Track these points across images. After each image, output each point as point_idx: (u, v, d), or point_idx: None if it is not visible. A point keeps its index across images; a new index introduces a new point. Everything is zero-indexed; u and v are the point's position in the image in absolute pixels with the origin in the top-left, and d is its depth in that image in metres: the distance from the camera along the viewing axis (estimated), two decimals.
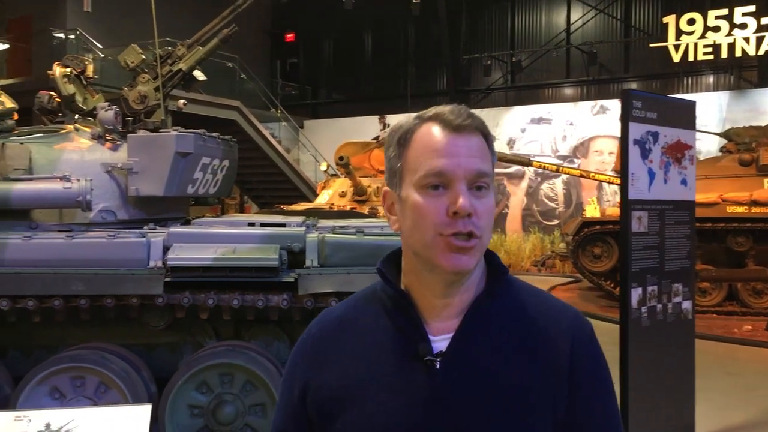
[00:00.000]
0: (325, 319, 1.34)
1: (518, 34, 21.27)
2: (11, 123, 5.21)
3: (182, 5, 18.33)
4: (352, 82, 23.60)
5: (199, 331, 4.68)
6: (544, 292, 1.33)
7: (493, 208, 1.22)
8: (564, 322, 1.25)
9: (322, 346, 1.29)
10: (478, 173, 1.18)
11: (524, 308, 1.26)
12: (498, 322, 1.23)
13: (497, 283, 1.26)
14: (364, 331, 1.26)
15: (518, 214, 18.99)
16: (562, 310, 1.28)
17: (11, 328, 4.54)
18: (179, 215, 5.41)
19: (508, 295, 1.27)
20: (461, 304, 1.23)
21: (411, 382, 1.18)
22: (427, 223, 1.17)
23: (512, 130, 19.22)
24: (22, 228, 4.58)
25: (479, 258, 1.20)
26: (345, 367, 1.24)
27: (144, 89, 5.70)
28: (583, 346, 1.25)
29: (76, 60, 5.90)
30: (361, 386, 1.21)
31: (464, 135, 1.19)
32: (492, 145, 1.25)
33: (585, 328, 1.28)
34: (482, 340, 1.21)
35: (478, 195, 1.18)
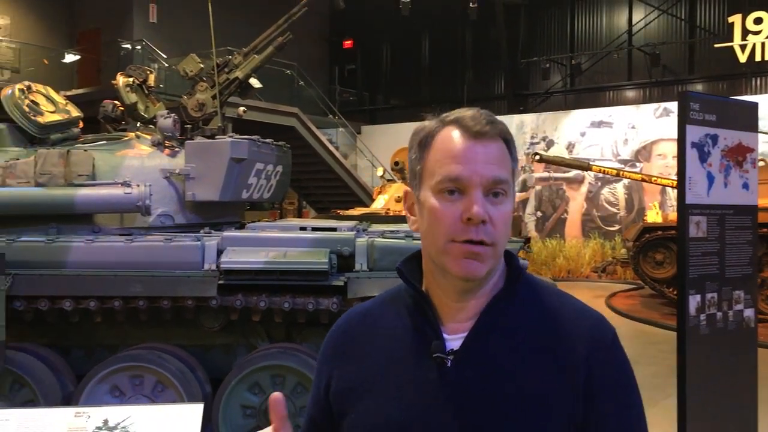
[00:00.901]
0: (352, 314, 1.38)
1: (578, 37, 20.92)
2: (76, 131, 5.45)
3: (242, 14, 18.75)
4: (410, 87, 23.65)
5: (252, 333, 4.78)
6: (566, 294, 1.31)
7: (509, 215, 1.21)
8: (583, 326, 1.23)
9: (346, 340, 1.32)
10: (494, 180, 1.17)
11: (542, 310, 1.25)
12: (514, 323, 1.22)
13: (514, 283, 1.26)
14: (384, 328, 1.29)
15: (578, 219, 18.65)
16: (582, 313, 1.26)
17: (75, 328, 4.73)
18: (234, 220, 5.54)
19: (526, 296, 1.26)
20: (477, 307, 1.23)
21: (423, 379, 1.20)
22: (441, 228, 1.18)
23: (571, 133, 18.90)
24: (85, 232, 4.77)
25: (492, 265, 1.20)
26: (364, 361, 1.27)
27: (202, 97, 5.86)
28: (602, 352, 1.21)
29: (138, 70, 6.12)
30: (376, 380, 1.23)
31: (483, 141, 1.18)
32: (513, 151, 1.24)
33: (606, 333, 1.24)
34: (496, 340, 1.20)
35: (494, 202, 1.18)
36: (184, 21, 17.95)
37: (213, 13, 5.77)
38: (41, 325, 4.74)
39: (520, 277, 1.26)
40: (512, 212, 1.23)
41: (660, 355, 8.02)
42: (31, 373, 4.42)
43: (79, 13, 19.90)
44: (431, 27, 22.80)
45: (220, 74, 5.91)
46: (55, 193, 4.64)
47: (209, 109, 5.84)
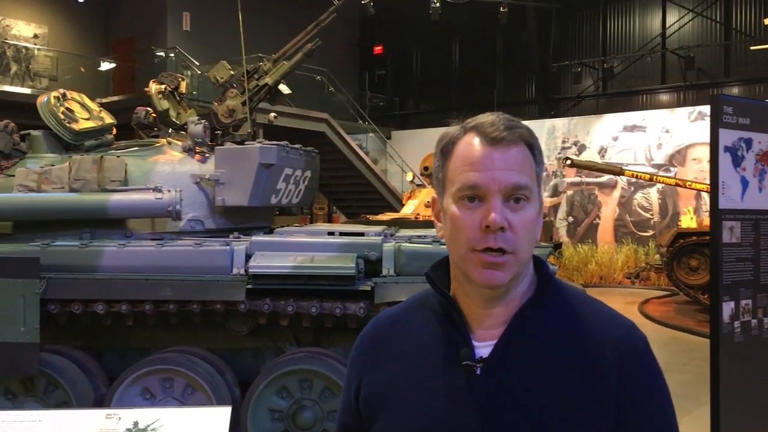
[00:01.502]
0: (380, 319, 1.38)
1: (610, 40, 20.69)
2: (110, 137, 5.55)
3: (272, 21, 18.92)
4: (440, 92, 23.62)
5: (280, 338, 4.81)
6: (596, 301, 1.29)
7: (531, 221, 1.19)
8: (614, 333, 1.21)
9: (375, 345, 1.33)
10: (513, 186, 1.16)
11: (572, 317, 1.23)
12: (543, 331, 1.21)
13: (544, 291, 1.25)
14: (413, 333, 1.29)
15: (610, 225, 18.41)
16: (613, 320, 1.24)
17: (107, 331, 4.81)
18: (264, 225, 5.59)
19: (556, 303, 1.24)
20: (506, 314, 1.22)
21: (452, 386, 1.19)
22: (461, 236, 1.18)
23: (604, 138, 18.69)
24: (118, 236, 4.86)
25: (515, 273, 1.18)
26: (392, 366, 1.27)
27: (232, 103, 5.93)
28: (633, 361, 1.20)
29: (170, 77, 6.22)
30: (405, 387, 1.23)
31: (501, 147, 1.17)
32: (538, 155, 1.22)
33: (637, 341, 1.22)
34: (526, 349, 1.19)
35: (515, 208, 1.17)
36: (216, 29, 18.18)
37: (244, 20, 5.84)
38: (75, 328, 4.83)
39: (550, 284, 1.25)
40: (537, 217, 1.21)
41: (694, 362, 7.88)
42: (65, 375, 4.50)
43: (114, 22, 20.28)
44: (461, 32, 22.75)
45: (250, 81, 5.97)
46: (89, 199, 4.73)
47: (239, 115, 5.90)
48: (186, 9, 19.21)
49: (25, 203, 4.74)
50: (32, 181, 4.82)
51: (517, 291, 1.23)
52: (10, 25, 18.50)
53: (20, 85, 17.34)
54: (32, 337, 4.29)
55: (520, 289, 1.23)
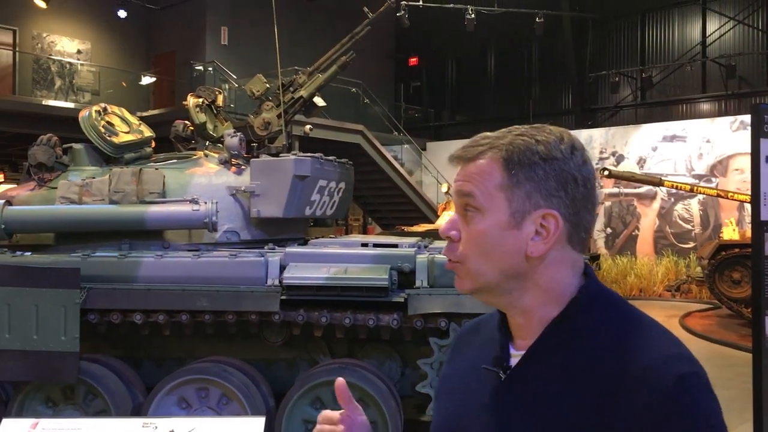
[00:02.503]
0: (464, 327, 1.46)
1: (649, 49, 20.43)
2: (149, 150, 5.66)
3: (309, 34, 19.13)
4: (475, 103, 23.58)
5: (314, 349, 4.82)
6: (645, 320, 1.17)
7: (478, 233, 1.15)
8: (639, 367, 1.07)
9: (455, 347, 1.41)
10: (459, 194, 1.18)
11: (601, 343, 1.13)
12: (570, 352, 1.14)
13: (570, 310, 1.18)
14: (481, 336, 1.34)
15: (650, 237, 18.11)
16: (644, 351, 1.09)
17: (145, 341, 4.89)
18: (299, 236, 5.63)
19: (587, 324, 1.17)
20: (529, 325, 1.20)
21: (480, 390, 1.22)
22: None
23: (642, 148, 18.43)
24: (156, 247, 4.94)
25: (478, 283, 1.17)
26: (454, 369, 1.34)
27: (268, 116, 6.00)
28: (657, 401, 1.02)
29: (207, 91, 6.32)
30: (453, 385, 1.30)
31: (461, 165, 1.21)
32: (514, 168, 1.15)
33: (668, 378, 1.04)
34: (551, 363, 1.16)
35: (464, 219, 1.18)
36: (253, 42, 18.45)
37: (280, 33, 5.92)
38: (114, 338, 4.92)
39: (578, 303, 1.18)
40: (493, 231, 1.15)
41: (737, 378, 7.67)
42: (104, 384, 4.58)
43: (155, 38, 20.72)
44: (496, 42, 22.71)
45: (285, 94, 6.04)
46: (128, 210, 4.83)
47: (275, 128, 5.96)
48: (224, 24, 19.53)
49: (67, 215, 4.85)
50: (73, 194, 4.93)
51: (530, 305, 1.19)
52: (54, 42, 19.02)
53: (64, 100, 17.81)
54: (72, 346, 4.37)
55: (536, 305, 1.18)
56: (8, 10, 17.65)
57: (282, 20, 6.14)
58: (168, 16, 19.72)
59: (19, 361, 4.38)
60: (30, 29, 18.47)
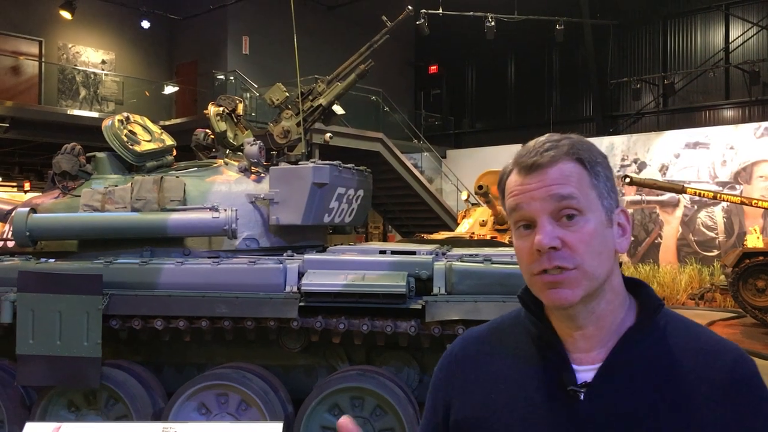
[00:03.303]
0: (469, 338, 1.36)
1: (671, 55, 20.28)
2: (170, 158, 5.73)
3: (329, 43, 19.26)
4: (495, 111, 23.55)
5: (333, 355, 4.84)
6: (702, 328, 1.23)
7: (591, 233, 1.14)
8: (722, 364, 1.16)
9: (466, 367, 1.30)
10: (555, 198, 1.14)
11: (679, 345, 1.18)
12: (647, 359, 1.17)
13: (649, 316, 1.20)
14: (508, 355, 1.26)
15: (673, 245, 17.93)
16: (720, 349, 1.18)
17: (166, 347, 4.94)
18: (317, 243, 5.66)
19: (661, 330, 1.20)
20: (600, 336, 1.19)
21: (553, 412, 1.17)
22: (522, 264, 1.19)
23: (665, 155, 18.27)
24: (177, 254, 5.00)
25: (587, 288, 1.15)
26: (488, 389, 1.25)
27: (287, 124, 6.05)
28: (740, 391, 1.14)
29: (228, 100, 6.39)
30: (503, 411, 1.21)
31: (537, 172, 1.17)
32: (593, 166, 1.18)
33: (747, 371, 1.16)
34: (629, 376, 1.16)
35: (568, 225, 1.14)
36: (274, 51, 18.60)
37: (301, 42, 5.96)
38: (136, 344, 4.98)
39: (658, 310, 1.20)
40: (603, 228, 1.16)
41: None
42: (125, 389, 4.63)
43: (177, 47, 20.98)
44: (516, 50, 22.68)
45: (305, 102, 6.08)
46: (149, 218, 4.89)
47: (294, 136, 6.01)
48: (245, 33, 19.73)
49: (90, 222, 4.93)
50: (96, 201, 5.01)
51: (605, 309, 1.19)
52: (79, 52, 19.34)
53: (88, 109, 18.08)
54: (94, 352, 4.44)
55: (611, 309, 1.19)
56: (34, 22, 17.98)
57: (303, 29, 6.21)
58: (190, 26, 19.97)
59: (43, 366, 4.45)
60: (56, 40, 18.79)
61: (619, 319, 1.20)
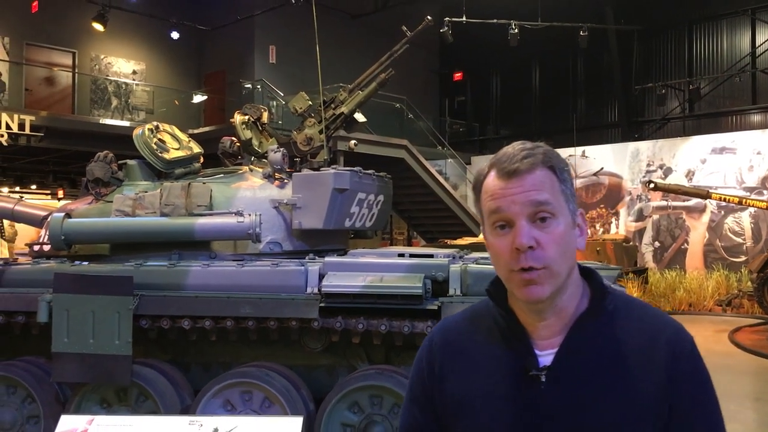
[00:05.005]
0: (447, 328, 1.49)
1: (697, 60, 20.16)
2: (198, 166, 5.94)
3: (354, 51, 19.47)
4: (520, 117, 23.59)
5: (353, 355, 4.99)
6: (649, 306, 1.39)
7: (560, 235, 1.28)
8: (663, 337, 1.30)
9: (447, 355, 1.43)
10: (533, 204, 1.27)
11: (626, 324, 1.33)
12: (600, 339, 1.31)
13: (600, 301, 1.35)
14: (480, 344, 1.40)
15: (699, 250, 17.79)
16: (662, 324, 1.33)
17: (194, 346, 5.13)
18: (339, 247, 5.82)
19: (611, 311, 1.34)
20: (559, 323, 1.33)
21: (519, 395, 1.30)
22: (500, 260, 1.31)
23: (691, 161, 18.16)
24: (204, 257, 5.20)
25: (555, 285, 1.28)
26: (465, 377, 1.38)
27: (310, 132, 6.23)
28: (681, 361, 1.29)
29: (253, 108, 6.61)
30: (478, 397, 1.35)
31: (517, 177, 1.29)
32: (561, 174, 1.32)
33: (684, 343, 1.31)
34: (585, 357, 1.30)
35: (542, 226, 1.27)
36: (300, 60, 18.87)
37: (326, 51, 6.14)
38: (165, 343, 5.18)
39: (605, 295, 1.35)
40: (569, 231, 1.30)
41: None
42: (155, 387, 4.83)
43: (206, 57, 21.39)
44: (541, 56, 22.71)
45: (327, 110, 6.26)
46: (177, 222, 5.10)
47: (317, 143, 6.18)
48: (272, 43, 20.06)
49: (121, 227, 5.16)
50: (127, 207, 5.23)
51: (565, 301, 1.33)
52: (111, 63, 19.83)
53: (120, 119, 18.53)
54: (125, 350, 4.64)
55: (569, 299, 1.34)
56: (68, 34, 18.50)
57: (328, 38, 6.39)
58: (218, 36, 20.35)
59: (77, 363, 4.67)
60: (88, 51, 19.30)
61: (575, 306, 1.35)
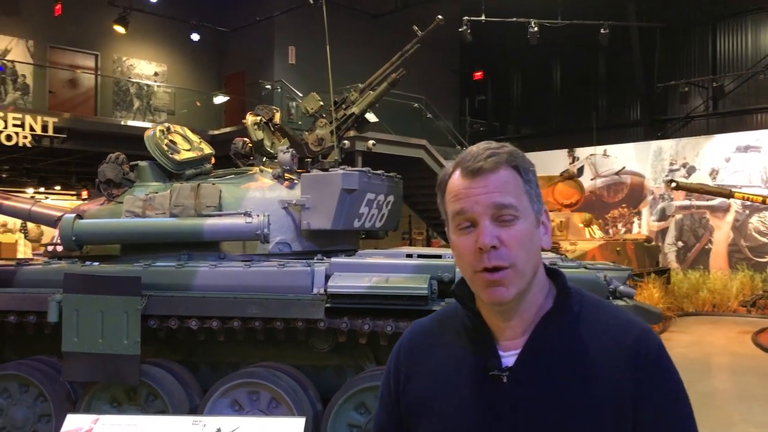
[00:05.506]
0: (415, 331, 1.50)
1: (721, 58, 19.84)
2: (209, 167, 5.98)
3: (373, 52, 19.44)
4: (540, 116, 23.42)
5: (360, 356, 4.98)
6: (615, 307, 1.37)
7: (524, 234, 1.27)
8: (628, 339, 1.28)
9: (412, 357, 1.44)
10: (496, 206, 1.26)
11: (591, 325, 1.31)
12: (564, 340, 1.29)
13: (563, 301, 1.33)
14: (445, 346, 1.39)
15: (723, 250, 17.54)
16: (628, 326, 1.31)
17: (202, 346, 5.16)
18: (349, 248, 5.81)
19: (575, 312, 1.32)
20: (523, 324, 1.32)
21: (482, 396, 1.29)
22: (464, 261, 1.29)
23: (715, 159, 17.91)
24: (213, 258, 5.22)
25: (520, 285, 1.27)
26: (428, 378, 1.38)
27: (321, 133, 6.23)
28: (648, 364, 1.27)
29: (265, 109, 6.63)
30: (440, 397, 1.34)
31: (481, 176, 1.28)
32: (526, 174, 1.31)
33: (651, 345, 1.29)
34: (548, 357, 1.28)
35: (504, 225, 1.26)
36: (319, 61, 18.80)
37: (345, 52, 6.14)
38: (174, 344, 5.21)
39: (569, 295, 1.34)
40: (533, 230, 1.29)
41: None
42: (164, 386, 4.86)
43: (226, 58, 21.53)
44: (561, 55, 22.52)
45: (338, 110, 6.26)
46: (186, 223, 5.13)
47: (328, 144, 6.18)
48: (291, 43, 20.11)
49: (130, 228, 5.20)
50: (138, 207, 5.28)
51: (530, 302, 1.31)
52: (133, 65, 20.05)
53: (142, 120, 18.72)
54: (134, 350, 4.68)
55: (534, 301, 1.32)
56: (91, 37, 18.73)
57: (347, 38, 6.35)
58: (238, 37, 20.48)
59: (86, 363, 4.72)
60: (111, 54, 19.53)
61: (539, 307, 1.33)
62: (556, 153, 20.41)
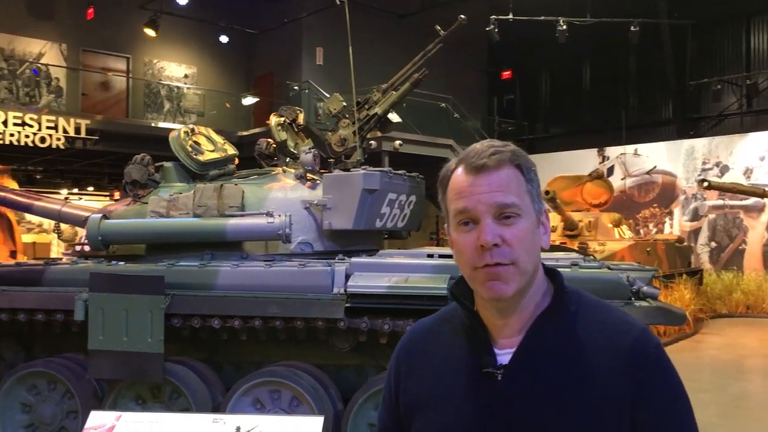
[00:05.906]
0: (417, 329, 1.51)
1: (754, 55, 19.43)
2: (232, 167, 6.04)
3: (399, 52, 19.43)
4: (570, 115, 23.18)
5: (382, 355, 4.98)
6: (613, 308, 1.36)
7: (525, 233, 1.27)
8: (627, 340, 1.28)
9: (412, 355, 1.45)
10: (498, 205, 1.27)
11: (588, 325, 1.30)
12: (560, 339, 1.29)
13: (560, 300, 1.33)
14: (444, 344, 1.41)
15: (758, 251, 17.19)
16: (626, 327, 1.30)
17: (225, 345, 5.21)
18: (371, 248, 5.81)
19: (573, 311, 1.32)
20: (521, 323, 1.32)
21: (477, 393, 1.30)
22: (464, 258, 1.30)
23: (749, 158, 17.56)
24: (235, 258, 5.28)
25: (520, 282, 1.27)
26: (426, 376, 1.40)
27: (344, 133, 6.25)
28: (647, 365, 1.26)
29: (288, 110, 6.67)
30: (437, 395, 1.36)
31: (485, 173, 1.28)
32: (528, 173, 1.32)
33: (649, 346, 1.28)
34: (544, 356, 1.28)
35: (506, 223, 1.26)
36: (346, 61, 18.92)
37: (371, 52, 6.16)
38: (198, 343, 5.27)
39: (565, 295, 1.34)
40: (534, 229, 1.30)
41: None
42: (187, 384, 4.92)
43: (255, 60, 21.72)
44: (591, 53, 22.26)
45: (361, 111, 6.27)
46: (209, 223, 5.19)
47: (351, 144, 6.20)
48: (319, 44, 20.21)
49: (155, 228, 5.28)
50: (162, 208, 5.35)
51: (528, 301, 1.32)
52: (163, 68, 20.33)
53: (172, 121, 18.97)
54: (158, 348, 4.75)
55: (532, 299, 1.32)
56: (122, 40, 19.04)
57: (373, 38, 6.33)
58: (266, 39, 20.64)
59: (112, 360, 4.80)
60: (142, 57, 19.83)
61: (536, 305, 1.32)
62: (585, 152, 20.20)
